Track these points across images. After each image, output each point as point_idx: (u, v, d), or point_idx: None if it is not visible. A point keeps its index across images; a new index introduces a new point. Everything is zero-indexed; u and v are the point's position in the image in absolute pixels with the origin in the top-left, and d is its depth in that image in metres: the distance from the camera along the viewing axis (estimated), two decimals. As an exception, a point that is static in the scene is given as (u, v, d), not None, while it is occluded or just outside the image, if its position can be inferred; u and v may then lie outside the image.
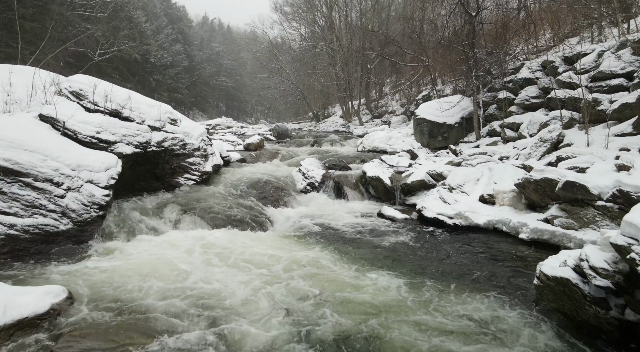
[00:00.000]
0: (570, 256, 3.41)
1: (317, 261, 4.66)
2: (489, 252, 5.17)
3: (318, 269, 4.45)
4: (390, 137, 14.14)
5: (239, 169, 10.21)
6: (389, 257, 4.98)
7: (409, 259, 4.93)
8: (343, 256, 4.90)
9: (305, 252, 4.98)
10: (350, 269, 4.48)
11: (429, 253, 5.17)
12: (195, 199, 7.00)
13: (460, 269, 4.58)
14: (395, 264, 4.69)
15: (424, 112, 11.44)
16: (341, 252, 5.06)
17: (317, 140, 16.93)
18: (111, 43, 27.80)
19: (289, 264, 4.54)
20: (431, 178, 8.19)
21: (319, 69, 33.14)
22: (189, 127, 8.56)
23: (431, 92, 18.27)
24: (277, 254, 4.85)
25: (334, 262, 4.65)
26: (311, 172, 9.34)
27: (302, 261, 4.65)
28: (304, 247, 5.29)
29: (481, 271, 4.49)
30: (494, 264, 4.72)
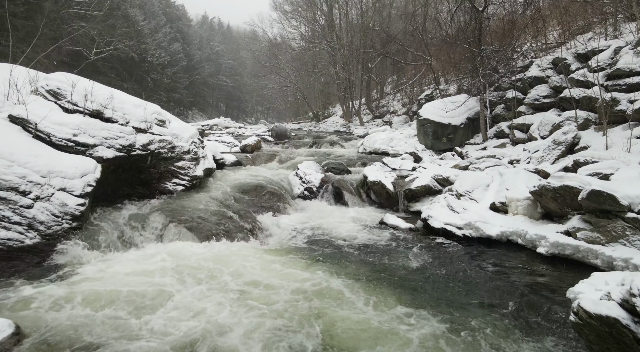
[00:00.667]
0: (610, 283, 2.88)
1: (319, 291, 3.97)
2: (505, 270, 4.64)
3: (321, 300, 3.76)
4: (392, 138, 13.62)
5: (233, 173, 9.70)
6: (399, 281, 4.39)
7: (421, 283, 4.38)
8: (345, 280, 4.30)
9: (303, 273, 4.44)
10: (358, 300, 3.78)
11: (441, 273, 4.63)
12: (182, 206, 6.47)
13: (479, 295, 4.03)
14: (408, 293, 4.00)
15: (427, 113, 10.91)
16: (343, 274, 4.48)
17: (317, 142, 16.40)
18: (107, 42, 27.35)
19: (285, 292, 3.97)
20: (437, 183, 7.67)
21: (319, 68, 32.62)
22: (179, 128, 8.04)
23: (434, 92, 17.76)
24: (271, 281, 4.26)
25: (338, 292, 3.94)
26: (309, 176, 8.82)
27: (301, 287, 4.05)
28: (301, 266, 4.74)
29: (502, 297, 3.95)
30: (514, 286, 4.18)
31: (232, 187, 8.14)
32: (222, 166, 10.58)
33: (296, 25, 36.36)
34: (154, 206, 6.56)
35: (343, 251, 5.37)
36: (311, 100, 39.10)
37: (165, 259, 4.65)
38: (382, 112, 26.05)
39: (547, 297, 3.82)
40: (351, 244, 5.60)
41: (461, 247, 5.49)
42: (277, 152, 13.59)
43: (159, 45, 37.51)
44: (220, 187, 8.14)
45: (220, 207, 6.79)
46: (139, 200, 6.80)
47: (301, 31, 36.29)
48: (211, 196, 7.41)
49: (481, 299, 3.92)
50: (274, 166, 11.34)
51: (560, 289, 3.98)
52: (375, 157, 12.20)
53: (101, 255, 4.80)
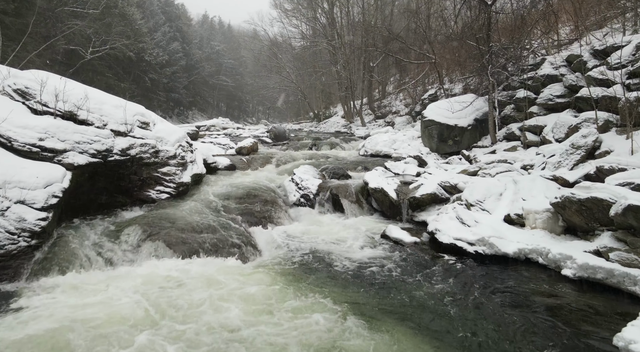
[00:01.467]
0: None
1: (311, 331, 3.40)
2: (527, 296, 4.01)
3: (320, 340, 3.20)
4: (394, 140, 13.00)
5: (225, 178, 9.10)
6: (409, 314, 3.75)
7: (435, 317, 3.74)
8: (347, 313, 3.67)
9: (295, 302, 3.83)
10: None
11: (455, 301, 4.00)
12: (164, 217, 5.86)
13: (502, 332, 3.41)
14: (423, 334, 3.38)
15: (432, 113, 10.28)
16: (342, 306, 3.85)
17: (316, 143, 15.80)
18: (103, 41, 26.79)
19: (277, 330, 3.35)
20: (444, 191, 7.04)
21: (320, 67, 32.01)
22: (164, 131, 7.44)
23: (438, 92, 17.13)
24: (258, 317, 3.64)
25: (341, 331, 3.36)
26: (305, 182, 8.20)
27: (294, 323, 3.44)
28: (291, 294, 4.11)
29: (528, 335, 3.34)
30: (541, 319, 3.56)
31: (222, 195, 7.54)
32: (214, 170, 9.99)
33: (297, 24, 35.76)
34: (133, 217, 5.96)
35: (341, 272, 4.75)
36: (312, 100, 38.52)
37: (136, 288, 4.02)
38: (384, 112, 25.42)
39: (584, 335, 3.20)
40: (350, 264, 4.97)
41: (474, 266, 4.87)
42: (274, 154, 12.99)
43: (158, 45, 36.96)
44: (209, 195, 7.54)
45: (207, 217, 6.19)
46: (118, 210, 6.21)
47: (302, 30, 35.69)
48: (198, 205, 6.81)
49: (503, 336, 3.29)
50: (269, 170, 10.74)
51: (596, 323, 3.37)
52: (377, 160, 11.59)
53: (65, 276, 4.20)
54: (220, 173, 9.93)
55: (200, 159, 8.71)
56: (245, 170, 10.78)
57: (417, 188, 7.20)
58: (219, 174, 9.71)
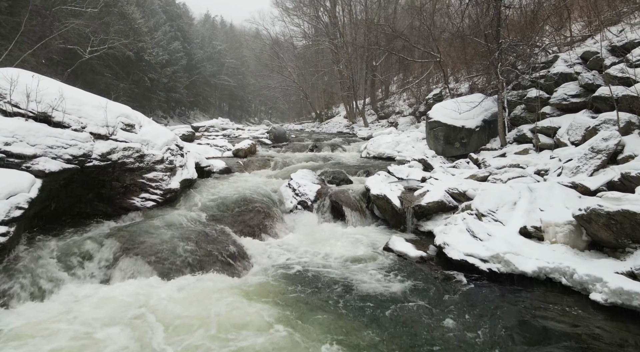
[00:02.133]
0: None
1: None
2: (553, 326, 3.48)
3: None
4: (398, 141, 12.47)
5: (219, 183, 8.60)
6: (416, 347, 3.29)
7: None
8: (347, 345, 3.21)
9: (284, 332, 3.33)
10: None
11: (466, 330, 3.49)
12: (147, 229, 5.37)
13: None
14: None
15: (438, 114, 9.74)
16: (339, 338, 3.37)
17: (317, 145, 15.28)
18: (101, 40, 26.37)
19: None
20: (452, 198, 6.51)
21: (322, 66, 31.48)
22: (151, 133, 6.95)
23: (443, 91, 16.59)
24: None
25: None
26: (303, 188, 7.69)
27: None
28: (284, 320, 3.61)
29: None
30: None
31: (214, 202, 7.04)
32: (208, 174, 9.50)
33: (299, 23, 35.24)
34: (113, 228, 5.47)
35: (339, 293, 4.23)
36: (314, 100, 38.01)
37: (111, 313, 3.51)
38: (387, 112, 24.88)
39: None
40: (348, 284, 4.44)
41: (488, 287, 4.34)
42: (272, 157, 12.49)
43: (158, 44, 36.56)
44: (200, 202, 7.04)
45: (195, 228, 5.68)
46: (98, 220, 5.71)
47: (304, 29, 35.18)
48: (187, 214, 6.31)
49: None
50: (267, 174, 10.23)
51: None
52: (380, 163, 11.06)
53: (19, 305, 3.69)
54: (214, 177, 9.44)
55: (192, 163, 8.22)
56: (242, 173, 10.29)
57: (422, 195, 6.67)
58: (213, 178, 9.21)
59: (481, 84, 12.01)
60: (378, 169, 9.72)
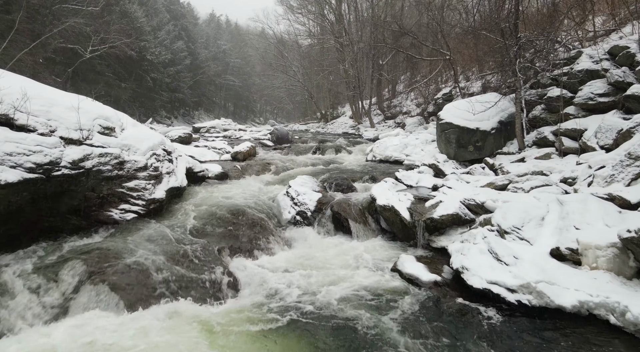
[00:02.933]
0: None
1: None
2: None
3: None
4: (406, 144, 11.75)
5: (212, 190, 7.95)
6: None
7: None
8: None
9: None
10: None
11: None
12: (121, 247, 4.70)
13: None
14: None
15: (450, 115, 9.00)
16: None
17: (320, 147, 14.60)
18: (102, 39, 25.89)
19: None
20: (468, 211, 5.79)
21: (328, 66, 30.77)
22: (135, 137, 6.30)
23: (453, 90, 15.82)
24: None
25: None
26: (302, 197, 7.01)
27: None
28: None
29: None
30: None
31: (204, 213, 6.38)
32: (202, 180, 8.85)
33: (303, 21, 34.55)
34: (83, 245, 4.81)
35: (340, 331, 3.54)
36: (319, 100, 37.37)
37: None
38: (394, 112, 24.13)
39: None
40: (349, 321, 3.73)
41: (516, 323, 3.62)
42: (273, 160, 11.84)
43: (161, 43, 36.10)
44: (187, 213, 6.38)
45: (178, 245, 5.02)
46: (67, 237, 5.07)
47: (309, 27, 34.50)
48: (172, 227, 5.67)
49: None
50: (265, 179, 9.57)
51: None
52: (387, 167, 10.35)
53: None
54: (209, 183, 8.79)
55: (182, 169, 7.56)
56: (239, 179, 9.63)
57: (434, 207, 5.95)
58: (206, 185, 8.57)
59: (495, 82, 11.24)
60: (385, 175, 9.02)
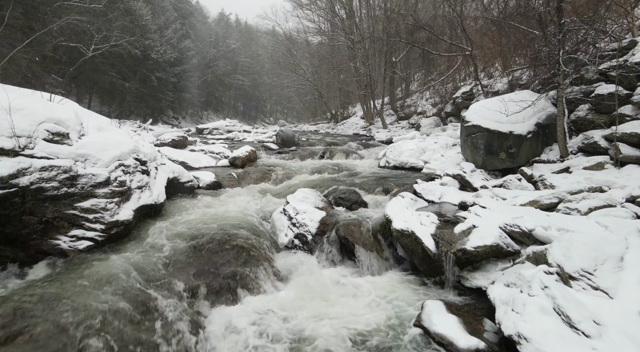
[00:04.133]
0: None
1: None
2: None
3: None
4: (423, 148, 10.46)
5: (198, 205, 6.81)
6: None
7: None
8: None
9: None
10: None
11: None
12: (55, 294, 3.56)
13: None
14: None
15: (477, 117, 7.69)
16: None
17: (329, 150, 13.37)
18: (104, 37, 25.05)
19: None
20: (511, 240, 4.52)
21: (338, 64, 29.51)
22: (96, 145, 5.16)
23: (474, 88, 14.46)
24: None
25: None
26: (302, 216, 5.80)
27: None
28: None
29: None
30: None
31: (183, 236, 5.23)
32: (190, 191, 7.72)
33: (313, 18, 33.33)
34: (9, 289, 3.68)
35: None
36: (329, 100, 36.17)
37: None
38: (407, 112, 22.78)
39: None
40: None
41: None
42: (275, 166, 10.66)
43: (168, 42, 35.26)
44: (162, 236, 5.23)
45: (137, 289, 3.86)
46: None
47: (318, 24, 33.28)
48: (136, 259, 4.51)
49: None
50: (264, 189, 8.39)
51: None
52: (402, 175, 9.09)
53: None
54: (198, 195, 7.66)
55: (162, 181, 6.42)
56: (233, 188, 8.49)
57: (466, 233, 4.69)
58: (194, 197, 7.43)
59: (527, 79, 9.88)
60: (401, 185, 7.78)
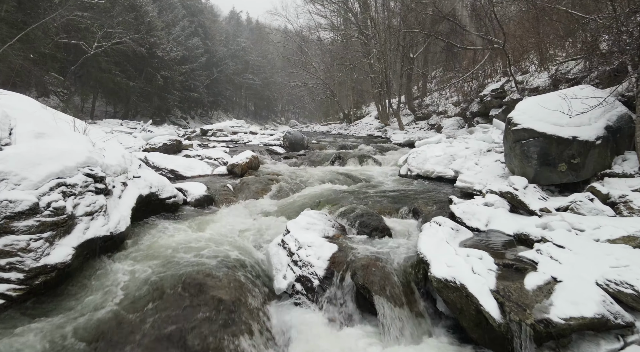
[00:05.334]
0: None
1: None
2: None
3: None
4: (453, 155, 8.92)
5: (178, 229, 5.41)
6: None
7: None
8: None
9: None
10: None
11: None
12: None
13: None
14: None
15: (529, 118, 6.12)
16: None
17: (341, 155, 11.90)
18: (106, 33, 24.01)
19: None
20: (618, 307, 2.99)
21: (351, 61, 27.97)
22: (25, 157, 3.79)
23: (506, 85, 12.83)
24: None
25: None
26: (307, 252, 4.34)
27: None
28: None
29: None
30: None
31: (141, 283, 3.84)
32: (174, 208, 6.34)
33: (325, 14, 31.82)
34: None
35: None
36: (342, 99, 34.67)
37: None
38: (426, 112, 21.15)
39: None
40: None
41: None
42: (279, 175, 9.24)
43: (176, 40, 34.19)
44: (115, 283, 3.84)
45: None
46: None
47: (331, 19, 31.77)
48: (60, 326, 3.12)
49: None
50: (263, 206, 6.96)
51: None
52: (431, 189, 7.57)
53: None
54: (183, 213, 6.28)
55: (130, 201, 5.04)
56: (229, 204, 7.08)
57: (544, 292, 3.17)
58: (177, 218, 6.04)
59: (578, 71, 8.27)
60: (431, 203, 6.27)
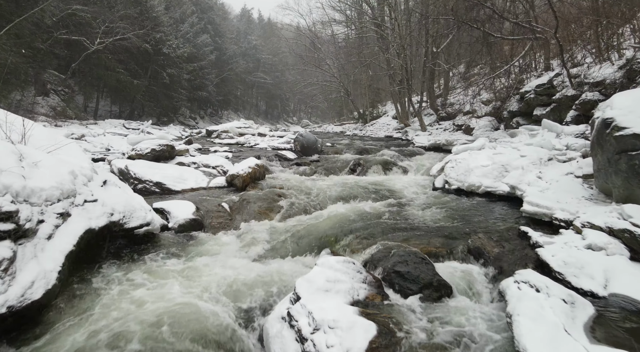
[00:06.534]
0: None
1: None
2: None
3: None
4: (504, 165, 7.16)
5: (134, 283, 3.80)
6: None
7: None
8: None
9: None
10: None
11: None
12: None
13: None
14: None
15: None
16: None
17: (361, 162, 10.19)
18: (109, 28, 22.72)
19: None
20: None
21: (367, 57, 26.22)
22: None
23: (555, 80, 10.97)
24: None
25: None
26: (327, 339, 2.65)
27: None
28: None
29: None
30: None
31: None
32: (147, 239, 4.76)
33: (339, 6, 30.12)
34: None
35: None
36: (357, 98, 32.91)
37: None
38: (451, 112, 19.27)
39: None
40: None
41: None
42: (288, 188, 7.59)
43: (184, 36, 32.88)
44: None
45: None
46: None
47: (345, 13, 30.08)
48: None
49: None
50: (267, 237, 5.30)
51: None
52: (482, 210, 5.83)
53: None
54: (157, 246, 4.68)
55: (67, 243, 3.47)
56: (223, 232, 5.46)
57: None
58: (146, 254, 4.44)
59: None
60: (495, 237, 4.54)
